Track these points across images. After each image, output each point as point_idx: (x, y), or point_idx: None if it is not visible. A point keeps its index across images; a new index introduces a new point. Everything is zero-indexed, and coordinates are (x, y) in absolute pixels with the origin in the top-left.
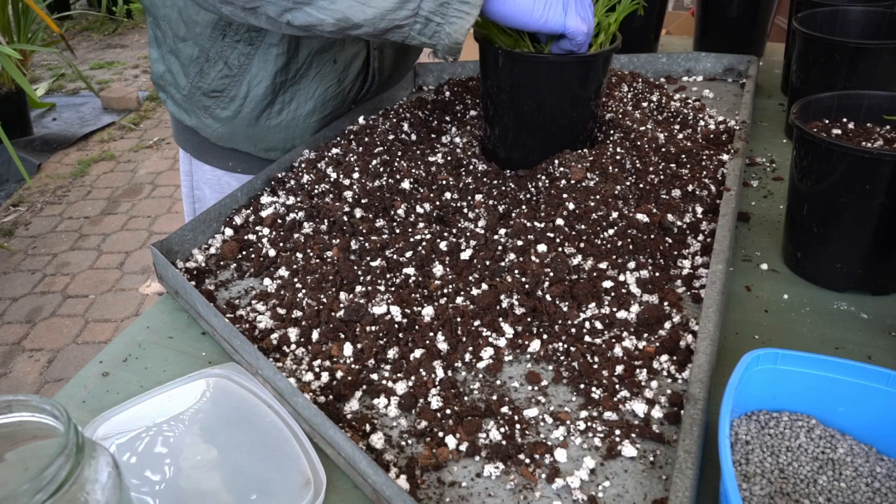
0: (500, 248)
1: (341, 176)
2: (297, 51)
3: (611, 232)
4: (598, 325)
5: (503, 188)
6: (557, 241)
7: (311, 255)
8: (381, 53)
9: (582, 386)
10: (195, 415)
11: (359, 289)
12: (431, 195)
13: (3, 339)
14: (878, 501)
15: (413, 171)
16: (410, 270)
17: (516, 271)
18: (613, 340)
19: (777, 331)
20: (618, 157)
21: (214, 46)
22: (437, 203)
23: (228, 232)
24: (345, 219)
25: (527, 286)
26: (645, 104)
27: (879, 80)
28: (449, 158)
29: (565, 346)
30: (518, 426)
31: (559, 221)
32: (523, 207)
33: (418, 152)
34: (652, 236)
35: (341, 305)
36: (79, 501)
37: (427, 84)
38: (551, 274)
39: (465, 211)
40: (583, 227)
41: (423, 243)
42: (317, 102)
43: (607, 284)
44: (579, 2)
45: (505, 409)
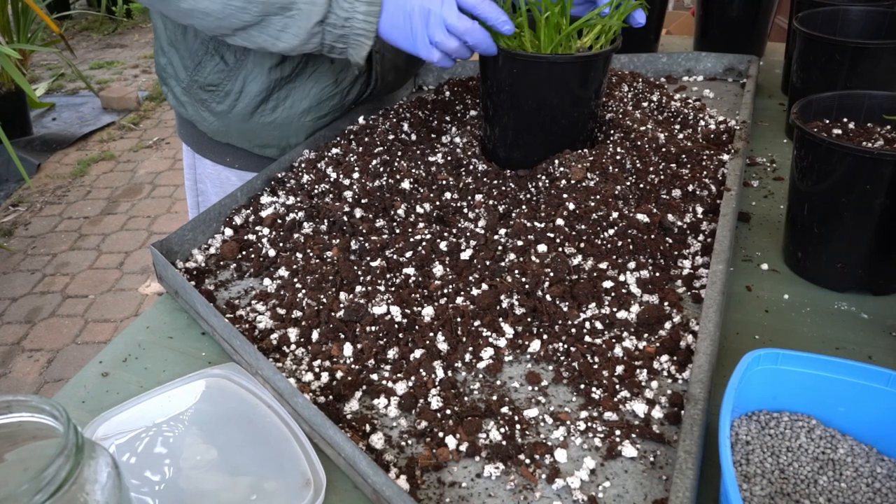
0: (500, 248)
1: (341, 176)
2: None
3: (611, 232)
4: (599, 325)
5: (503, 188)
6: (557, 241)
7: (311, 255)
8: (383, 58)
9: (582, 386)
10: (195, 415)
11: (359, 289)
12: (431, 195)
13: (3, 339)
14: (878, 502)
15: (413, 171)
16: (410, 270)
17: (516, 271)
18: (613, 340)
19: (777, 331)
20: (618, 157)
21: (214, 40)
22: (437, 203)
23: (228, 232)
24: (345, 219)
25: (527, 286)
26: (645, 104)
27: (880, 80)
28: (449, 158)
29: (565, 346)
30: (518, 426)
31: (559, 221)
32: (523, 207)
33: (418, 152)
34: (652, 236)
35: (341, 305)
36: (78, 501)
37: (427, 84)
38: (551, 274)
39: (465, 211)
40: (583, 227)
41: (423, 243)
42: (312, 101)
43: (607, 284)
44: (434, 31)
45: (505, 410)
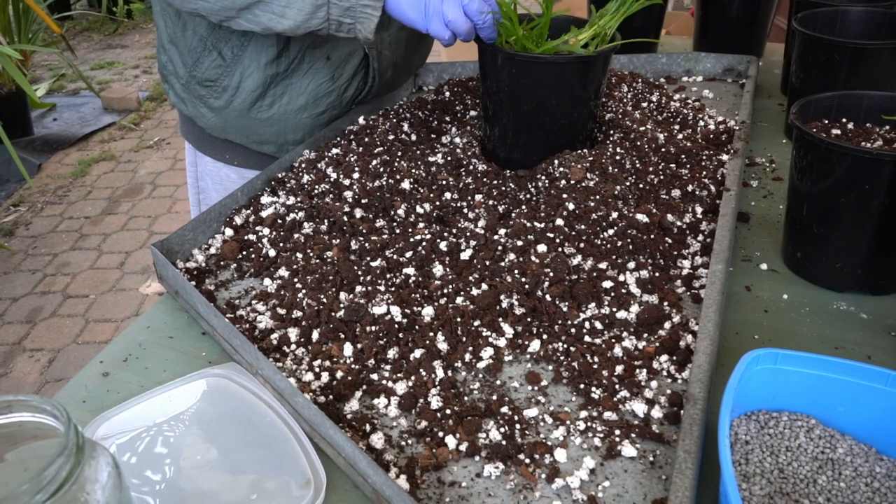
0: (500, 248)
1: (341, 176)
2: (289, 45)
3: (611, 232)
4: (598, 325)
5: (503, 188)
6: (557, 241)
7: (311, 255)
8: (381, 55)
9: (582, 386)
10: (195, 415)
11: (359, 289)
12: (431, 195)
13: (4, 339)
14: (877, 501)
15: (413, 171)
16: (410, 270)
17: (516, 271)
18: (613, 340)
19: (777, 331)
20: (618, 158)
21: (212, 36)
22: (437, 203)
23: (228, 232)
24: (345, 219)
25: (527, 286)
26: (645, 104)
27: (879, 81)
28: (449, 158)
29: (565, 346)
30: (518, 426)
31: (559, 221)
32: (523, 207)
33: (418, 152)
34: (652, 236)
35: (341, 305)
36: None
37: (427, 84)
38: (551, 274)
39: (465, 211)
40: (583, 227)
41: (423, 243)
42: (309, 98)
43: (607, 284)
44: (448, 8)
45: (505, 409)
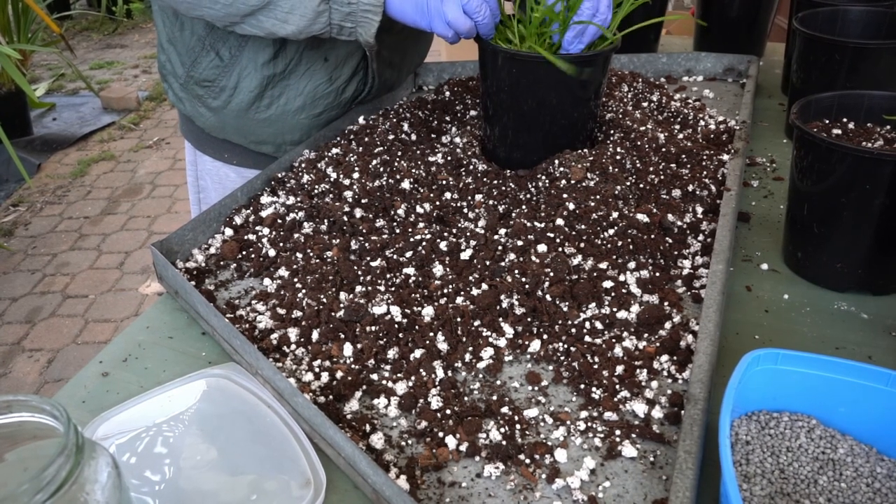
0: (500, 248)
1: (341, 176)
2: (286, 47)
3: (611, 232)
4: (599, 325)
5: (503, 188)
6: (557, 241)
7: (311, 255)
8: (379, 55)
9: (582, 386)
10: (195, 415)
11: (359, 289)
12: (431, 195)
13: (3, 339)
14: (878, 502)
15: (413, 171)
16: (410, 270)
17: (516, 271)
18: (613, 340)
19: (777, 331)
20: (618, 157)
21: (209, 36)
22: (437, 203)
23: (228, 232)
24: (345, 219)
25: (527, 286)
26: (645, 104)
27: (880, 80)
28: (449, 158)
29: (565, 346)
30: (518, 426)
31: (559, 221)
32: (523, 207)
33: (418, 152)
34: (652, 236)
35: (341, 305)
36: (79, 501)
37: (427, 84)
38: (551, 274)
39: (465, 211)
40: (583, 227)
41: (423, 243)
42: (306, 99)
43: (607, 284)
44: (449, 7)
45: (505, 410)
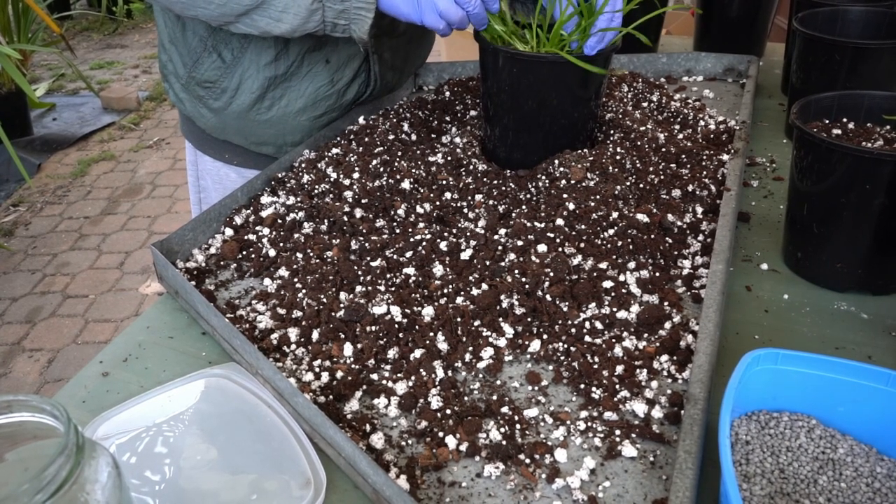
0: (500, 248)
1: (341, 176)
2: (288, 48)
3: (611, 232)
4: (599, 325)
5: (503, 188)
6: (557, 241)
7: (311, 255)
8: (381, 58)
9: (582, 386)
10: (195, 415)
11: (359, 289)
12: (431, 195)
13: (3, 339)
14: (878, 502)
15: (413, 171)
16: (410, 270)
17: (516, 271)
18: (613, 340)
19: (777, 331)
20: (618, 157)
21: (211, 37)
22: (437, 203)
23: (228, 232)
24: (345, 219)
25: (527, 286)
26: (645, 104)
27: (880, 80)
28: (449, 158)
29: (565, 346)
30: (518, 426)
31: (559, 221)
32: (523, 207)
33: (418, 152)
34: (652, 236)
35: (341, 305)
36: (79, 501)
37: (427, 84)
38: (551, 274)
39: (465, 211)
40: (583, 227)
41: (423, 243)
42: (308, 101)
43: (607, 284)
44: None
45: (505, 409)
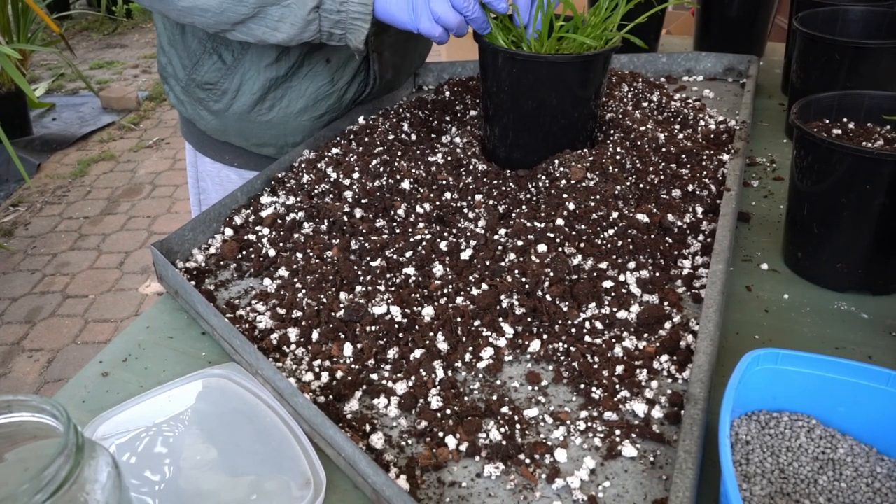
0: (500, 248)
1: (341, 176)
2: (289, 49)
3: (611, 232)
4: (599, 325)
5: (503, 188)
6: (557, 241)
7: (311, 255)
8: (381, 57)
9: (582, 386)
10: (195, 415)
11: (359, 289)
12: (431, 195)
13: (3, 339)
14: (878, 502)
15: (413, 171)
16: (410, 270)
17: (516, 271)
18: (613, 340)
19: (777, 331)
20: (618, 157)
21: (211, 40)
22: (437, 203)
23: (228, 232)
24: (345, 219)
25: (527, 286)
26: (645, 104)
27: (880, 80)
28: (449, 158)
29: (565, 346)
30: (518, 426)
31: (559, 221)
32: (523, 207)
33: (418, 152)
34: (652, 236)
35: (341, 305)
36: (79, 501)
37: (427, 84)
38: (551, 274)
39: (465, 211)
40: (583, 227)
41: (423, 243)
42: (308, 101)
43: (607, 284)
44: (436, 4)
45: (505, 409)
